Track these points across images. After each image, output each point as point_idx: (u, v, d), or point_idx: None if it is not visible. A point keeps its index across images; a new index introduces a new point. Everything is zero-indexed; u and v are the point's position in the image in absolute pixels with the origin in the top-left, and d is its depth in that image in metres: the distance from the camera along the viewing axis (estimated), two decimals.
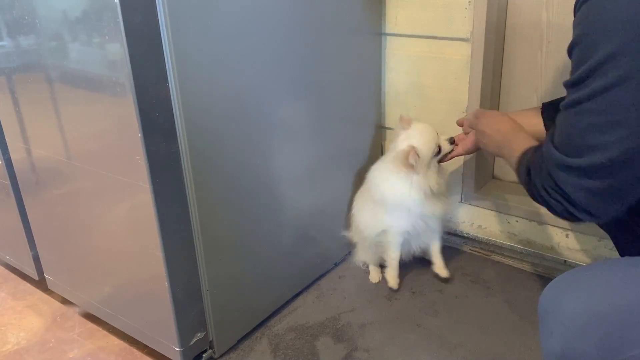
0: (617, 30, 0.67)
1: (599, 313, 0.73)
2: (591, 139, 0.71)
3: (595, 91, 0.70)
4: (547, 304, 0.81)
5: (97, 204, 1.14)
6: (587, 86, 0.71)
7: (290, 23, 1.16)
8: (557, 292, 0.81)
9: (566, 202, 0.77)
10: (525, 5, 1.36)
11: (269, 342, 1.24)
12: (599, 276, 0.78)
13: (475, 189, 1.51)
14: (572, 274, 0.84)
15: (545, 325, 0.80)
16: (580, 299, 0.76)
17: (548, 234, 1.42)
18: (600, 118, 0.70)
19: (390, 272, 1.40)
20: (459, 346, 1.20)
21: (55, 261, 1.35)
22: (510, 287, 1.39)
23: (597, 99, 0.70)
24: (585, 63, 0.71)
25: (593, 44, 0.70)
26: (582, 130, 0.72)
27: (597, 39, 0.69)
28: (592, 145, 0.71)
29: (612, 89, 0.68)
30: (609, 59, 0.68)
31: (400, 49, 1.49)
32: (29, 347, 1.30)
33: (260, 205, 1.21)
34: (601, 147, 0.71)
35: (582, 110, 0.72)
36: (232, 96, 1.06)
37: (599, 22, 0.69)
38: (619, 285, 0.74)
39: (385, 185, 1.32)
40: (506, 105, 1.49)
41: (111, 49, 0.91)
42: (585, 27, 0.71)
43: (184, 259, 1.08)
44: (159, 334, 1.16)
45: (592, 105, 0.71)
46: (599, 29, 0.69)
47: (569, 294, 0.78)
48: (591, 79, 0.70)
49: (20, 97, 1.18)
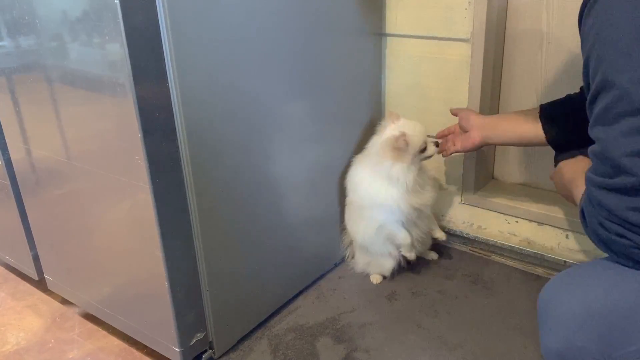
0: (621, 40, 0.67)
1: (597, 310, 0.74)
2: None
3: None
4: (546, 302, 0.82)
5: (97, 204, 1.14)
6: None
7: (291, 22, 1.16)
8: (556, 290, 0.82)
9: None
10: (525, 6, 1.36)
11: (269, 343, 1.24)
12: (596, 274, 0.79)
13: (475, 189, 1.51)
14: (569, 273, 0.84)
15: (545, 323, 0.81)
16: (578, 297, 0.77)
17: (548, 235, 1.42)
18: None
19: (405, 249, 1.37)
20: (459, 346, 1.20)
21: (55, 261, 1.35)
22: (510, 288, 1.39)
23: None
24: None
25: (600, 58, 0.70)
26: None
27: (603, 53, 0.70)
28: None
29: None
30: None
31: (400, 49, 1.49)
32: (29, 347, 1.30)
33: (260, 205, 1.20)
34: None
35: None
36: (232, 96, 1.06)
37: (603, 31, 0.69)
38: (615, 283, 0.75)
39: (363, 185, 1.32)
40: (506, 105, 1.49)
41: (111, 49, 0.91)
42: (593, 39, 0.71)
43: (184, 259, 1.08)
44: (158, 334, 1.16)
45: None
46: (606, 41, 0.69)
47: (567, 292, 0.79)
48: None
49: (20, 97, 1.18)
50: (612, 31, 0.68)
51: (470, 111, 1.30)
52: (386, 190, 1.28)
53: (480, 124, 1.25)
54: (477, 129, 1.26)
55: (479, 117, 1.27)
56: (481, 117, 1.27)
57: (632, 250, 0.72)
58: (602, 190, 0.73)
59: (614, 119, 0.69)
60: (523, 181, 1.55)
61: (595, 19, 0.70)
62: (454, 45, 1.39)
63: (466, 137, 1.28)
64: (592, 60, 0.72)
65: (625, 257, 0.74)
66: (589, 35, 0.72)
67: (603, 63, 0.69)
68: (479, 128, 1.25)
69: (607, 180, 0.72)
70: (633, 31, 0.66)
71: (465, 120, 1.29)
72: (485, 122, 1.25)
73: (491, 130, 1.24)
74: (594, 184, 0.74)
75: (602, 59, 0.69)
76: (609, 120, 0.70)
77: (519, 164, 1.54)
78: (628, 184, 0.69)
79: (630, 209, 0.70)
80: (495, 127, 1.23)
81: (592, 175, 0.75)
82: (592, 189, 0.75)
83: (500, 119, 1.26)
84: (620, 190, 0.70)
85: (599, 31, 0.70)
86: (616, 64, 0.68)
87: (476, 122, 1.26)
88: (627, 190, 0.70)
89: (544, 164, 1.47)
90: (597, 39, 0.70)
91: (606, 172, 0.72)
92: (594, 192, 0.74)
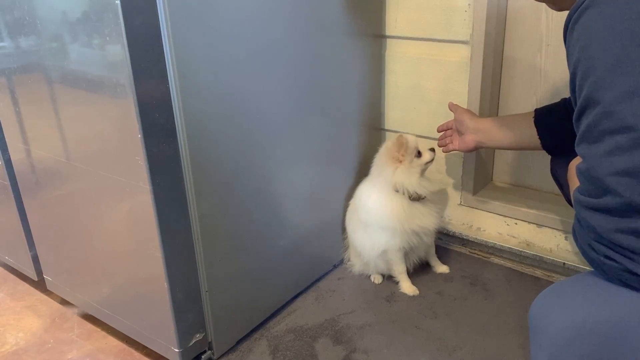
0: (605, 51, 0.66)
1: (586, 328, 0.72)
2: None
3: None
4: (536, 317, 0.80)
5: (97, 204, 1.14)
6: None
7: (291, 25, 1.17)
8: (545, 305, 0.80)
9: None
10: (524, 8, 1.37)
11: (268, 344, 1.24)
12: (586, 290, 0.77)
13: (474, 191, 1.51)
14: (559, 287, 0.83)
15: (535, 339, 0.80)
16: (567, 313, 0.75)
17: (547, 236, 1.42)
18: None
19: (403, 284, 1.40)
20: (458, 348, 1.20)
21: (55, 262, 1.35)
22: (509, 290, 1.40)
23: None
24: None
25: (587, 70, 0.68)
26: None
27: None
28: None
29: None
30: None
31: (400, 51, 1.49)
32: (28, 347, 1.30)
33: (259, 207, 1.21)
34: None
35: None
36: (233, 97, 1.07)
37: (588, 46, 0.68)
38: (605, 300, 0.73)
39: (369, 201, 1.35)
40: (505, 107, 1.49)
41: (112, 50, 0.91)
42: (578, 54, 0.70)
43: (184, 259, 1.08)
44: (158, 335, 1.16)
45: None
46: (590, 54, 0.68)
47: (557, 308, 0.78)
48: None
49: (20, 98, 1.18)
50: (597, 47, 0.66)
51: (465, 113, 1.29)
52: (391, 207, 1.30)
53: (474, 128, 1.25)
54: (471, 133, 1.25)
55: (473, 121, 1.26)
56: (475, 120, 1.26)
57: (622, 273, 0.70)
58: (589, 211, 0.70)
59: (598, 137, 0.67)
60: (522, 183, 1.55)
61: (580, 34, 0.69)
62: (454, 47, 1.40)
63: (461, 140, 1.28)
64: (577, 75, 0.70)
65: (617, 279, 0.72)
66: (574, 50, 0.70)
67: (588, 79, 0.68)
68: (473, 132, 1.25)
69: (593, 200, 0.69)
70: (618, 48, 0.64)
71: (459, 123, 1.28)
72: (480, 127, 1.24)
73: (485, 135, 1.23)
74: (581, 203, 0.72)
75: (587, 75, 0.68)
76: (594, 137, 0.68)
77: (517, 166, 1.54)
78: (614, 204, 0.66)
79: (617, 231, 0.67)
80: (489, 132, 1.23)
81: (578, 195, 0.73)
82: (580, 209, 0.73)
83: (495, 123, 1.23)
84: (606, 211, 0.68)
85: (584, 47, 0.68)
86: (601, 81, 0.66)
87: (470, 126, 1.25)
88: (613, 211, 0.67)
89: (542, 166, 1.47)
90: (582, 55, 0.68)
91: (592, 192, 0.69)
92: (582, 212, 0.72)
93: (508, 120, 1.22)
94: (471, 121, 1.26)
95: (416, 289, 1.39)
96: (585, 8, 0.68)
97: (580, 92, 0.70)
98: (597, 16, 0.67)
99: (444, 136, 1.36)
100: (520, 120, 1.18)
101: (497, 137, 1.22)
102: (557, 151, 1.14)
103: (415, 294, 1.38)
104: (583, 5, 0.68)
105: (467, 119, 1.26)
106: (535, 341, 0.79)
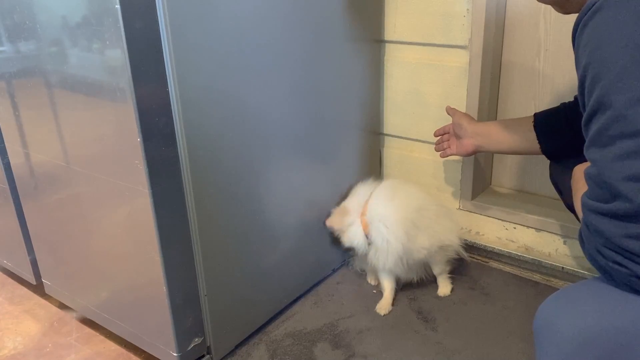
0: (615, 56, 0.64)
1: (594, 335, 0.71)
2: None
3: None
4: (542, 324, 0.79)
5: (96, 208, 1.14)
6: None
7: (290, 29, 1.17)
8: (552, 312, 0.78)
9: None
10: (523, 13, 1.37)
11: (267, 348, 1.24)
12: (593, 296, 0.75)
13: (473, 196, 1.51)
14: (565, 293, 0.81)
15: (541, 346, 0.79)
16: (574, 320, 0.74)
17: (546, 241, 1.42)
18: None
19: (382, 300, 1.36)
20: (457, 353, 1.20)
21: (53, 266, 1.35)
22: (508, 294, 1.40)
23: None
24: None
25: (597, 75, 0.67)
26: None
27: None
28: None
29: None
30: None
31: (399, 56, 1.50)
32: (26, 352, 1.29)
33: (259, 211, 1.21)
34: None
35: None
36: (232, 102, 1.07)
37: (599, 49, 0.66)
38: (613, 306, 0.72)
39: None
40: (504, 111, 1.49)
41: (112, 55, 0.91)
42: (588, 57, 0.68)
43: (183, 264, 1.08)
44: (156, 339, 1.16)
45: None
46: (598, 57, 0.66)
47: (564, 315, 0.76)
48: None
49: (20, 102, 1.18)
50: (608, 50, 0.65)
51: (463, 117, 1.29)
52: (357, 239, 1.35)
53: (473, 132, 1.25)
54: (470, 137, 1.25)
55: (472, 125, 1.26)
56: (474, 124, 1.26)
57: (631, 279, 0.68)
58: (598, 216, 0.69)
59: (609, 141, 0.66)
60: (521, 188, 1.55)
61: (590, 37, 0.68)
62: (453, 52, 1.40)
63: (460, 144, 1.29)
64: (587, 79, 0.69)
65: (625, 285, 0.71)
66: (584, 53, 0.69)
67: (599, 83, 0.66)
68: (472, 136, 1.25)
69: (602, 205, 0.68)
70: (630, 51, 0.63)
71: (457, 127, 1.29)
72: (478, 130, 1.24)
73: (483, 139, 1.24)
74: (589, 208, 0.71)
75: (598, 79, 0.66)
76: (604, 142, 0.67)
77: (516, 171, 1.54)
78: (624, 209, 0.65)
79: (627, 236, 0.66)
80: (488, 137, 1.23)
81: (587, 199, 0.72)
82: (588, 213, 0.71)
83: (494, 127, 1.23)
84: (616, 216, 0.67)
85: (595, 50, 0.67)
86: (612, 85, 0.65)
87: (469, 130, 1.26)
88: (623, 217, 0.66)
89: (541, 171, 1.47)
90: (592, 58, 0.67)
91: (602, 197, 0.68)
92: (590, 217, 0.71)
93: (507, 124, 1.22)
94: (470, 125, 1.26)
95: (388, 308, 1.34)
96: (595, 11, 0.67)
97: (590, 96, 0.69)
98: (608, 19, 0.66)
99: (441, 141, 1.36)
100: (520, 124, 1.18)
101: (496, 141, 1.22)
102: (557, 156, 1.14)
103: (381, 314, 1.34)
104: (593, 7, 0.67)
105: (465, 123, 1.27)
106: (542, 349, 0.78)
